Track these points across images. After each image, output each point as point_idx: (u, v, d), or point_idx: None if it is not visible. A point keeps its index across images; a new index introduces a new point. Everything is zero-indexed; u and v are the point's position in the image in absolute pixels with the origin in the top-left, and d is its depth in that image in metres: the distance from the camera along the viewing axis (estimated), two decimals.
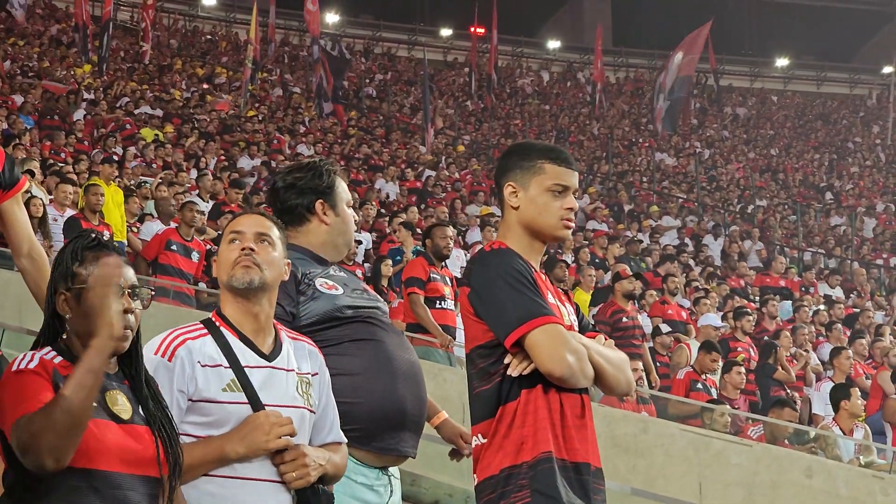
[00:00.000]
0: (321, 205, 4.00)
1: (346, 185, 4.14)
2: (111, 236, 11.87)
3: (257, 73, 27.31)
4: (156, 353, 3.22)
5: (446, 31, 43.64)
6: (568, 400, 3.42)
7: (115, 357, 2.98)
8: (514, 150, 3.67)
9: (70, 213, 12.25)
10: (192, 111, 24.73)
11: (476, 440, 3.48)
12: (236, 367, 3.24)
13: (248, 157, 21.10)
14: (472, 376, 3.50)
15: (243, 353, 3.27)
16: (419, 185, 22.36)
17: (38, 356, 2.89)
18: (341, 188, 4.07)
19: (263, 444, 3.17)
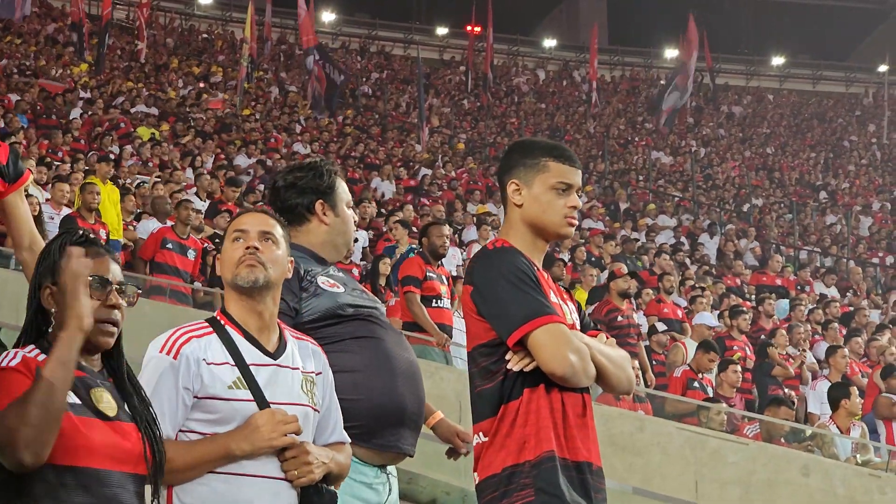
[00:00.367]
0: (321, 205, 4.01)
1: (346, 186, 4.16)
2: (107, 235, 11.87)
3: (254, 71, 27.28)
4: (161, 350, 3.22)
5: (442, 30, 43.64)
6: (569, 399, 3.41)
7: (99, 354, 2.98)
8: (518, 147, 3.65)
9: (66, 211, 12.25)
10: (188, 110, 24.71)
11: (477, 438, 3.46)
12: (242, 365, 3.24)
13: (245, 156, 21.10)
14: (473, 375, 3.49)
15: (248, 351, 3.28)
16: (414, 184, 22.36)
17: (21, 354, 2.87)
18: (341, 189, 4.08)
19: (268, 442, 3.17)
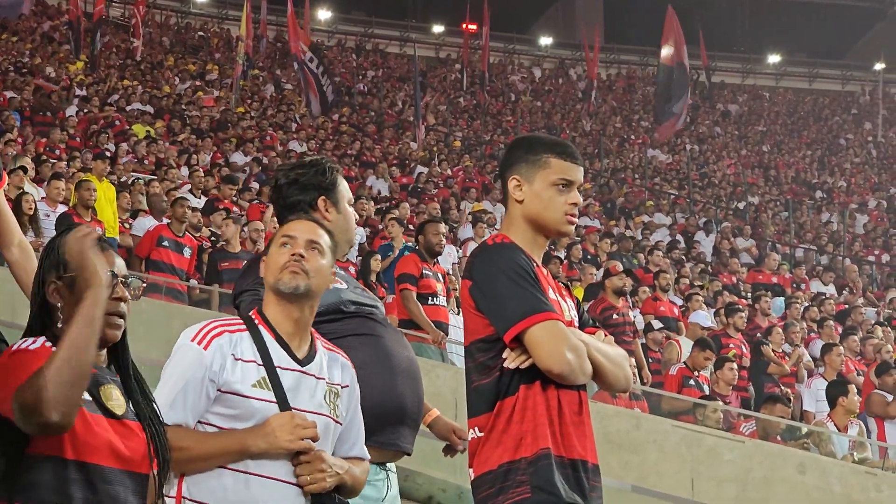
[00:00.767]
0: (323, 201, 4.02)
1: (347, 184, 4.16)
2: (103, 232, 11.86)
3: (250, 69, 27.25)
4: (192, 339, 3.27)
5: (438, 28, 43.63)
6: (566, 397, 3.41)
7: (105, 349, 2.97)
8: (520, 143, 3.64)
9: (62, 209, 12.23)
10: (183, 108, 24.69)
11: (473, 434, 3.45)
12: (269, 366, 3.27)
13: (242, 154, 21.09)
14: (470, 370, 3.48)
15: (277, 354, 3.30)
16: (410, 182, 22.36)
17: (41, 341, 2.88)
18: (343, 186, 4.09)
19: (285, 444, 3.19)
